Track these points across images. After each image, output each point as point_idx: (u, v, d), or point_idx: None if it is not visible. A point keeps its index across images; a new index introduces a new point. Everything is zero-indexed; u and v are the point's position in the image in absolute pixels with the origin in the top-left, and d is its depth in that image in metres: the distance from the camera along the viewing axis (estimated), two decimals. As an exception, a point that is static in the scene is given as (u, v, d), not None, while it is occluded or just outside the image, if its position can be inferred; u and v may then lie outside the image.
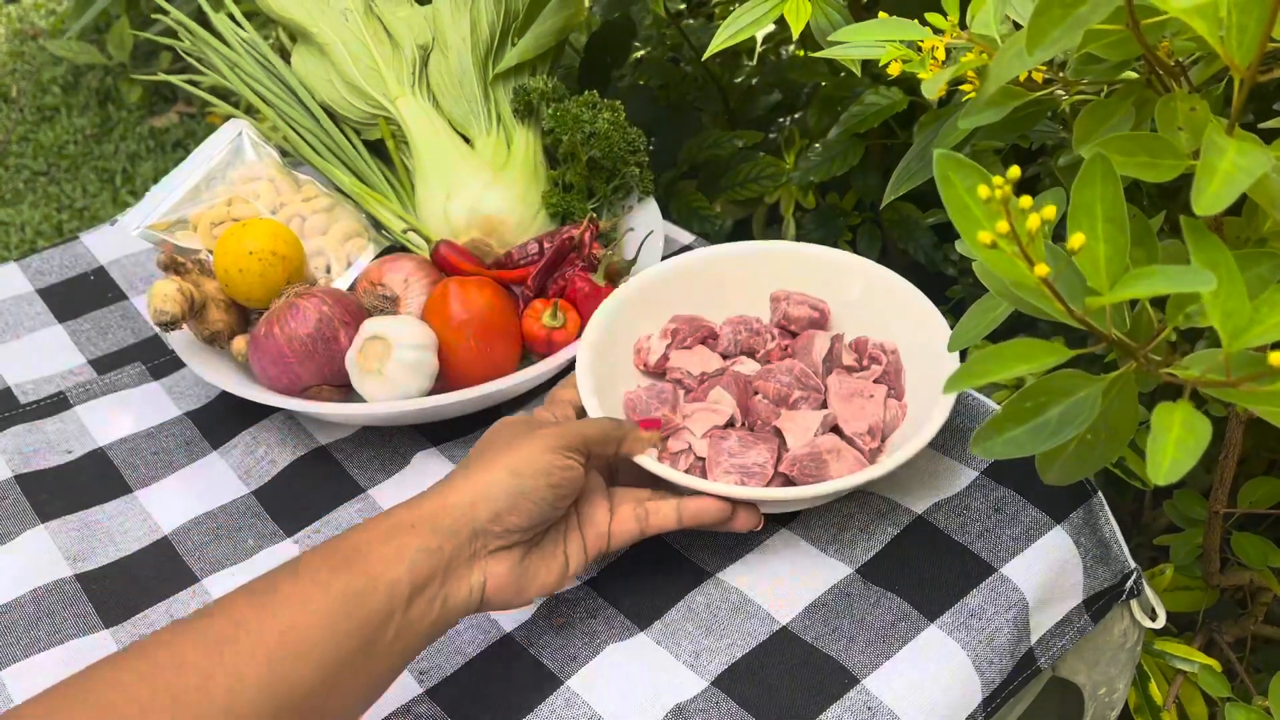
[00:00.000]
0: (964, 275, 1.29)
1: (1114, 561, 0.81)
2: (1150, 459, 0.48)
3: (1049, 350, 0.52)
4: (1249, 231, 0.67)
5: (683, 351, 0.89)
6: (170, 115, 2.70)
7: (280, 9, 1.11)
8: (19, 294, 1.11)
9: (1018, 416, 0.54)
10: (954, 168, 0.51)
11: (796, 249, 0.93)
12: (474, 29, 1.09)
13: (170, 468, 0.93)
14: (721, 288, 0.93)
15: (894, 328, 0.87)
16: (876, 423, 0.81)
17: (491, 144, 1.06)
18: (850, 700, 0.71)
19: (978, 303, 0.62)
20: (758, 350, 0.89)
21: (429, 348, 0.89)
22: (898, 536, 0.80)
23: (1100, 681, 0.85)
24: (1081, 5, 0.52)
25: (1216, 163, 0.50)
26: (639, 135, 1.05)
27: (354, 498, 0.89)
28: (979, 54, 0.68)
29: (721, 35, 0.84)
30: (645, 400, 0.85)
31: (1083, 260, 0.51)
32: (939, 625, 0.74)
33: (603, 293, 0.95)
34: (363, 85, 1.08)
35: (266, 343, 0.89)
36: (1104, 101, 0.63)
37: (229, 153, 1.06)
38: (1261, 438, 1.12)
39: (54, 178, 2.56)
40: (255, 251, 0.93)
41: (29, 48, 3.00)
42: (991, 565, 0.77)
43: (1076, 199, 0.51)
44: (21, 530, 0.87)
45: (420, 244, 1.02)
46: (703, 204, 1.27)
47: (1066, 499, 0.81)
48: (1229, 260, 0.49)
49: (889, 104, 1.10)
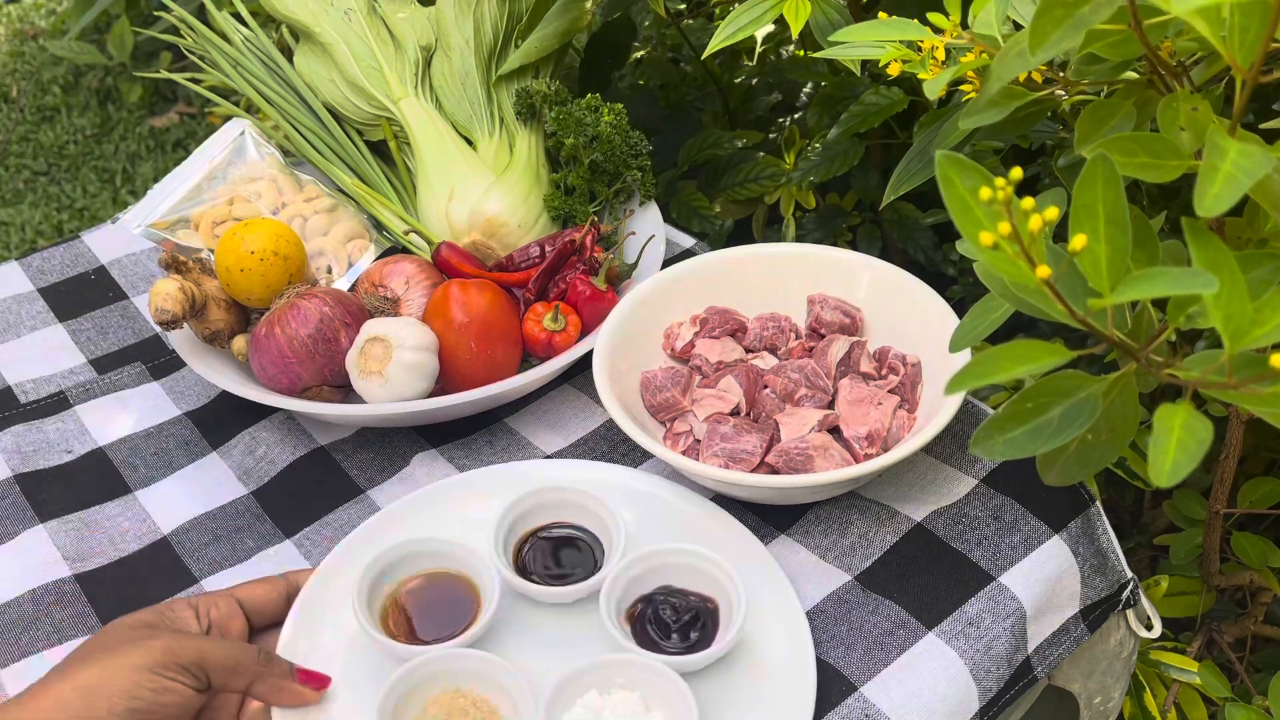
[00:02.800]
0: (964, 275, 1.29)
1: (1111, 571, 0.81)
2: (1151, 460, 0.48)
3: (1050, 351, 0.52)
4: (1250, 233, 0.67)
5: (709, 340, 0.90)
6: (170, 115, 2.70)
7: (283, 8, 1.11)
8: (19, 293, 1.11)
9: (1018, 417, 0.54)
10: (956, 168, 0.51)
11: (856, 259, 0.92)
12: (477, 31, 1.09)
13: (170, 468, 0.93)
14: (764, 285, 0.94)
15: (922, 343, 0.87)
16: (879, 430, 0.81)
17: (494, 146, 1.06)
18: (848, 707, 0.71)
19: (978, 303, 0.62)
20: (780, 347, 0.90)
21: (429, 349, 0.89)
22: (896, 544, 0.80)
23: (1096, 690, 0.85)
24: (1083, 5, 0.52)
25: (1219, 164, 0.50)
26: (641, 139, 1.05)
27: (353, 499, 0.89)
28: (980, 54, 0.68)
29: (721, 35, 0.84)
30: (660, 381, 0.87)
31: (1084, 261, 0.51)
32: (937, 633, 0.74)
33: (604, 296, 0.95)
34: (365, 85, 1.08)
35: (267, 342, 0.89)
36: (1105, 102, 0.63)
37: (231, 152, 1.06)
38: (1261, 438, 1.12)
39: (54, 178, 2.55)
40: (257, 251, 0.93)
41: (29, 48, 3.00)
42: (990, 574, 0.77)
43: (1078, 200, 0.51)
44: (21, 530, 0.87)
45: (422, 246, 1.02)
46: (703, 204, 1.27)
47: (1065, 508, 0.81)
48: (1230, 262, 0.49)
49: (889, 104, 1.10)
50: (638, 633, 0.71)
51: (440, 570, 0.75)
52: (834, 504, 0.83)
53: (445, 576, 0.75)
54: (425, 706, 0.68)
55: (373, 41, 1.09)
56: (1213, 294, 0.48)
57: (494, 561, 0.74)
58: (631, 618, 0.72)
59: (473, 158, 1.04)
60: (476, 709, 0.67)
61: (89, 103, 2.77)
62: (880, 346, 0.89)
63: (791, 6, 0.83)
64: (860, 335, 0.91)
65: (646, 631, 0.71)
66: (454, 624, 0.72)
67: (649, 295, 0.92)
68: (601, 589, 0.71)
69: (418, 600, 0.74)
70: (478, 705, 0.67)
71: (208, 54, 1.12)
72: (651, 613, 0.72)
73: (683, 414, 0.86)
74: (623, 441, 0.91)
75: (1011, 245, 0.49)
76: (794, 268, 0.93)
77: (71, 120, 2.72)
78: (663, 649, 0.70)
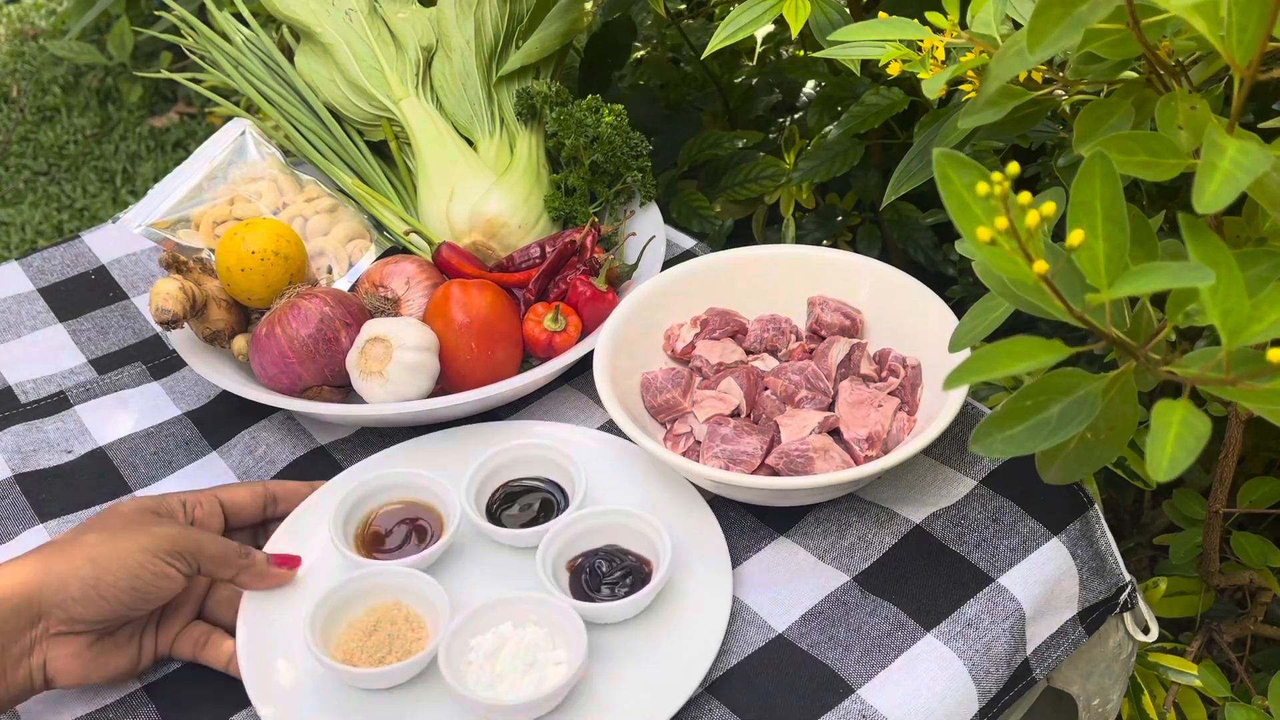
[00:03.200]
0: (964, 275, 1.29)
1: (1109, 574, 0.81)
2: (1149, 457, 0.48)
3: (1048, 348, 0.52)
4: (1249, 231, 0.67)
5: (709, 342, 0.91)
6: (170, 115, 2.71)
7: (284, 8, 1.11)
8: (20, 293, 1.11)
9: (1017, 415, 0.54)
10: (953, 166, 0.51)
11: (857, 261, 0.92)
12: (478, 31, 1.09)
13: (170, 468, 0.93)
14: (765, 287, 0.94)
15: (922, 345, 0.87)
16: (879, 432, 0.82)
17: (494, 147, 1.06)
18: (846, 709, 0.71)
19: (978, 303, 0.62)
20: (780, 349, 0.90)
21: (430, 350, 0.89)
22: (895, 545, 0.80)
23: (1094, 692, 0.85)
24: (1081, 4, 0.52)
25: (1217, 162, 0.50)
26: (642, 140, 1.05)
27: (354, 497, 0.89)
28: (979, 54, 0.68)
29: (721, 35, 0.84)
30: (661, 382, 0.87)
31: (1082, 258, 0.51)
32: (936, 634, 0.74)
33: (604, 297, 0.95)
34: (366, 86, 1.08)
35: (268, 342, 0.89)
36: (1104, 101, 0.63)
37: (232, 151, 1.06)
38: (1261, 437, 1.12)
39: (54, 178, 2.56)
40: (257, 251, 0.93)
41: (29, 48, 3.00)
42: (989, 575, 0.77)
43: (1076, 197, 0.51)
44: (21, 530, 0.87)
45: (422, 246, 1.02)
46: (703, 204, 1.27)
47: (1064, 511, 0.81)
48: (1228, 258, 0.49)
49: (889, 104, 1.10)
50: (574, 581, 0.78)
51: (414, 500, 0.84)
52: (833, 505, 0.83)
53: (418, 506, 0.84)
54: (365, 612, 0.76)
55: (374, 42, 1.09)
56: (1210, 290, 0.48)
57: (459, 498, 0.81)
58: (572, 567, 0.79)
59: (473, 158, 1.05)
60: (406, 622, 0.75)
61: (89, 103, 2.77)
62: (880, 349, 0.89)
63: (791, 6, 0.83)
64: (860, 337, 0.91)
65: (580, 580, 0.78)
66: (415, 547, 0.81)
67: (649, 296, 0.92)
68: (543, 539, 0.78)
69: (388, 522, 0.83)
70: (409, 619, 0.75)
71: (208, 54, 1.12)
72: (590, 565, 0.78)
73: (683, 415, 0.87)
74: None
75: (1009, 241, 0.49)
76: (794, 269, 0.93)
77: (71, 120, 2.72)
78: (591, 599, 0.76)
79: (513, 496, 0.84)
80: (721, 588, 0.77)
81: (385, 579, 0.77)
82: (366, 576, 0.77)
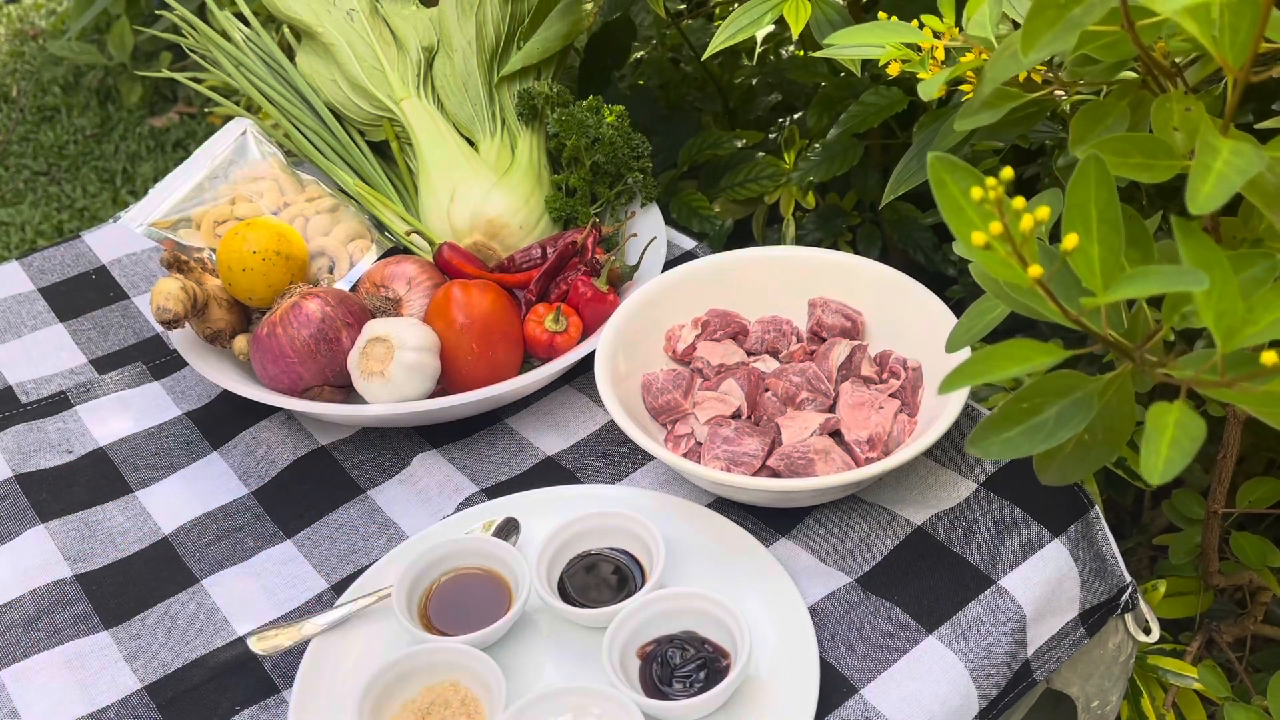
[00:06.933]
0: (964, 275, 1.29)
1: (1110, 575, 0.81)
2: (1144, 459, 0.48)
3: (1045, 351, 0.52)
4: (1245, 232, 0.67)
5: (710, 343, 0.91)
6: (171, 115, 2.71)
7: (285, 8, 1.11)
8: (20, 293, 1.11)
9: (1015, 417, 0.54)
10: (948, 169, 0.51)
11: (857, 263, 0.92)
12: (479, 32, 1.09)
13: (170, 468, 0.93)
14: (766, 288, 0.94)
15: (923, 347, 0.88)
16: (880, 434, 0.82)
17: (495, 147, 1.06)
18: (848, 709, 0.71)
19: (975, 304, 0.62)
20: (781, 350, 0.90)
21: (431, 350, 0.89)
22: (897, 547, 0.80)
23: (1094, 694, 0.86)
24: (1075, 6, 0.52)
25: (1210, 163, 0.51)
26: (642, 141, 1.05)
27: (353, 499, 0.89)
28: (978, 55, 0.68)
29: (721, 35, 0.84)
30: (662, 383, 0.87)
31: (1077, 261, 0.51)
32: (937, 636, 0.75)
33: (605, 298, 0.95)
34: (367, 86, 1.08)
35: (269, 342, 0.89)
36: (1099, 103, 0.63)
37: (233, 151, 1.06)
38: (1260, 437, 1.12)
39: (54, 178, 2.56)
40: (258, 251, 0.93)
41: (29, 48, 3.00)
42: (990, 577, 0.78)
43: (1071, 200, 0.51)
44: (21, 530, 0.88)
45: (423, 246, 1.02)
46: (703, 204, 1.27)
47: (1064, 512, 0.81)
48: (1222, 260, 0.49)
49: (889, 104, 1.10)
50: (644, 670, 0.72)
51: (483, 568, 0.79)
52: (835, 507, 0.83)
53: (487, 575, 0.79)
54: (422, 691, 0.72)
55: (375, 42, 1.10)
56: (1204, 292, 0.48)
57: (530, 570, 0.76)
58: (643, 654, 0.73)
59: (474, 159, 1.05)
60: (463, 705, 0.71)
61: (89, 103, 2.77)
62: (881, 350, 0.89)
63: (791, 7, 0.83)
64: (861, 339, 0.91)
65: (650, 671, 0.72)
66: (482, 621, 0.76)
67: (650, 297, 0.92)
68: (610, 625, 0.72)
69: (456, 591, 0.78)
70: (465, 702, 0.71)
71: (209, 53, 1.13)
72: (662, 655, 0.73)
73: (684, 416, 0.87)
74: (624, 443, 0.91)
75: (1003, 245, 0.49)
76: (795, 271, 0.93)
77: (71, 120, 2.72)
78: (663, 693, 0.71)
79: (589, 569, 0.79)
80: (807, 682, 0.71)
81: (444, 656, 0.73)
82: (425, 654, 0.72)
